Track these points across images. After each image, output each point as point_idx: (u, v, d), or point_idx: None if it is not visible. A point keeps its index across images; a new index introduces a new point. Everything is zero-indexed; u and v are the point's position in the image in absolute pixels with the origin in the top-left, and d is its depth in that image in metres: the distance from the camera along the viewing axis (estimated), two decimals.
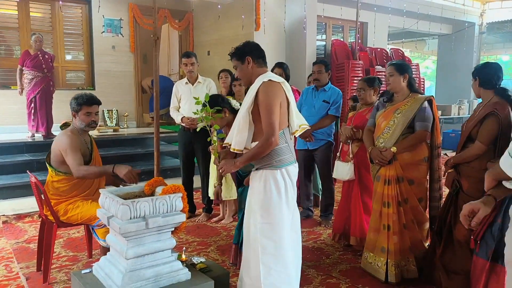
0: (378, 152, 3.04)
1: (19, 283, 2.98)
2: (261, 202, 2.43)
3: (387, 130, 3.08)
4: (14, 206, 4.63)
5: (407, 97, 3.10)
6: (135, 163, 6.18)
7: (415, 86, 3.19)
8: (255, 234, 2.45)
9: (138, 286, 2.30)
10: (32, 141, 5.97)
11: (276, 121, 2.35)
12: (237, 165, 2.44)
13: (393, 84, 3.11)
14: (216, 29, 8.07)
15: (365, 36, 9.29)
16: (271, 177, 2.42)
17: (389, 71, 3.13)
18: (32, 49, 6.02)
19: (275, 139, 2.34)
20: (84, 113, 3.03)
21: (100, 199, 2.49)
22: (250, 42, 2.59)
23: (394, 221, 3.00)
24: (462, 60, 10.66)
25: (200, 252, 3.57)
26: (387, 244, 3.00)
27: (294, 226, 2.55)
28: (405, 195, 3.02)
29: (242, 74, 2.55)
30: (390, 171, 3.02)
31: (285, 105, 2.46)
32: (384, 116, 3.13)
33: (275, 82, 2.42)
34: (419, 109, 3.01)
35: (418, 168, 3.05)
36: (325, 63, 4.31)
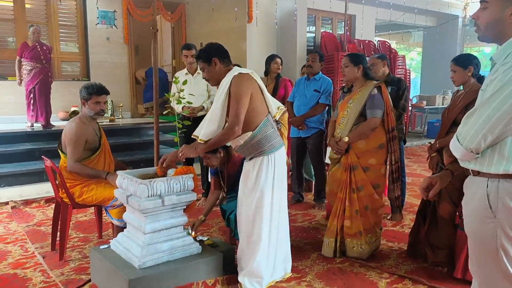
0: (334, 142, 3.19)
1: (36, 261, 3.18)
2: (255, 188, 2.62)
3: (342, 120, 3.21)
4: (20, 192, 4.80)
5: (361, 86, 3.21)
6: (133, 152, 6.38)
7: (370, 75, 3.28)
8: (247, 219, 2.66)
9: (155, 257, 2.54)
10: (32, 131, 6.10)
11: (242, 113, 2.47)
12: (198, 151, 2.55)
13: (348, 74, 3.22)
14: (209, 21, 8.23)
15: (353, 28, 9.55)
16: (264, 162, 2.61)
17: (344, 62, 3.23)
18: (30, 41, 6.13)
19: (238, 129, 2.47)
20: (94, 102, 3.20)
21: (118, 180, 2.72)
22: (214, 44, 2.68)
23: (342, 205, 3.18)
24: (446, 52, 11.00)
25: (203, 232, 3.81)
26: (330, 223, 3.22)
27: (283, 207, 2.78)
28: (359, 182, 3.13)
29: (210, 75, 2.64)
30: (348, 159, 3.17)
31: (259, 93, 2.62)
32: (341, 107, 3.27)
33: (245, 74, 2.58)
34: (368, 97, 3.11)
35: (374, 155, 3.15)
36: (320, 54, 4.56)
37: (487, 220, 1.57)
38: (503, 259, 1.56)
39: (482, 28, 1.61)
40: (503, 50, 1.53)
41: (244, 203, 2.69)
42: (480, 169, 1.57)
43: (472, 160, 1.59)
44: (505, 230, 1.54)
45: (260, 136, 2.59)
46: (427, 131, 10.05)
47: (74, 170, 3.09)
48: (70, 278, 2.89)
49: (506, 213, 1.52)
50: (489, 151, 1.54)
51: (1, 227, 3.91)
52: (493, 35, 1.59)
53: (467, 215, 1.70)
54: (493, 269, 1.61)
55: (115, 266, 2.52)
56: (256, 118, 2.58)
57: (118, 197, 2.74)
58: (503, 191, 1.51)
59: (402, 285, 2.81)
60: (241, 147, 2.65)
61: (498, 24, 1.55)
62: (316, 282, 2.84)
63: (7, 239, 3.63)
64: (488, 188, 1.55)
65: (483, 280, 1.67)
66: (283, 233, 2.80)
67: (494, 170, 1.52)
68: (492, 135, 1.49)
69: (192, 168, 2.75)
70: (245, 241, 2.69)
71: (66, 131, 3.17)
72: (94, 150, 3.22)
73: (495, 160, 1.52)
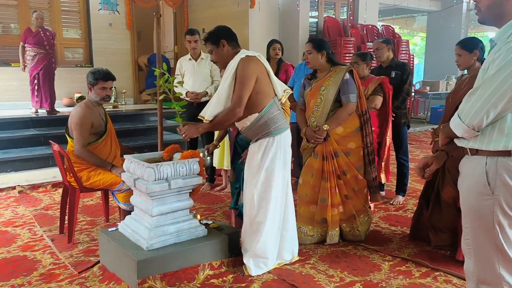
0: (312, 131, 3.11)
1: (45, 244, 3.24)
2: (260, 168, 2.65)
3: (316, 108, 3.14)
4: (27, 177, 4.86)
5: (329, 72, 3.15)
6: (137, 137, 6.41)
7: (335, 60, 3.21)
8: (251, 199, 2.69)
9: (163, 240, 2.60)
10: (36, 117, 6.14)
11: (245, 95, 2.51)
12: (200, 130, 2.59)
13: (312, 61, 3.16)
14: (211, 6, 8.18)
15: (356, 13, 9.47)
16: (270, 144, 2.65)
17: (307, 48, 3.16)
18: (33, 26, 6.13)
19: (240, 111, 2.51)
20: (100, 88, 3.23)
21: (125, 164, 2.76)
22: (222, 26, 2.72)
23: (332, 194, 3.14)
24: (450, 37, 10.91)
25: (207, 216, 3.87)
26: (327, 216, 3.14)
27: (289, 189, 2.82)
28: (344, 167, 3.14)
29: (218, 57, 2.66)
30: (327, 147, 3.12)
31: (265, 76, 2.64)
32: (311, 95, 3.18)
33: (252, 56, 2.60)
34: (341, 82, 3.07)
35: (353, 139, 3.17)
36: None
37: (484, 197, 1.61)
38: (499, 236, 1.61)
39: (482, 10, 1.65)
40: (505, 30, 1.57)
41: (248, 184, 2.72)
42: (479, 147, 1.61)
43: (471, 139, 1.63)
44: (502, 207, 1.59)
45: (266, 118, 2.62)
46: (430, 117, 10.03)
47: (81, 156, 3.13)
48: (79, 259, 2.95)
49: (504, 189, 1.57)
50: (489, 129, 1.58)
51: (9, 211, 3.98)
52: (493, 17, 1.64)
53: (464, 192, 1.74)
54: (488, 246, 1.66)
55: (123, 247, 2.58)
56: (262, 100, 2.61)
57: (126, 181, 2.79)
58: (501, 168, 1.56)
59: (405, 268, 2.86)
60: (247, 128, 2.68)
61: (498, 6, 1.59)
62: (320, 264, 2.90)
63: (15, 222, 3.69)
64: (487, 165, 1.59)
65: (479, 258, 1.72)
66: (290, 215, 2.84)
67: (494, 147, 1.57)
68: (495, 112, 1.53)
69: (198, 152, 2.78)
70: (249, 222, 2.74)
71: (72, 116, 3.20)
72: (100, 135, 3.25)
73: (494, 136, 1.57)
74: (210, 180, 4.86)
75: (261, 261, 2.70)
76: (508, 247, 1.63)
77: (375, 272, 2.79)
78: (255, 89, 2.57)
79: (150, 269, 2.48)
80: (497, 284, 1.68)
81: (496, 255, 1.64)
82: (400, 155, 4.22)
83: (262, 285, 2.60)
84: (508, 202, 1.58)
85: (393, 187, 4.45)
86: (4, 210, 4.01)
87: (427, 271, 2.81)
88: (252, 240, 2.71)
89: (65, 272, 2.78)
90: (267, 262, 2.71)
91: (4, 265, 2.88)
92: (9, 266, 2.87)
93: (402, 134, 4.16)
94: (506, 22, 1.58)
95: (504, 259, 1.64)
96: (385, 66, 4.11)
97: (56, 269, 2.82)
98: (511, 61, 1.48)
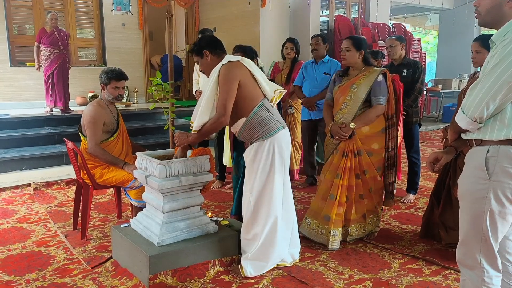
0: (338, 128, 3.10)
1: (59, 240, 3.31)
2: (254, 173, 2.61)
3: (344, 106, 3.14)
4: (42, 175, 4.95)
5: (362, 71, 3.16)
6: (148, 135, 6.49)
7: (370, 60, 3.25)
8: (247, 203, 2.68)
9: (174, 235, 2.63)
10: (51, 116, 6.25)
11: (229, 102, 2.50)
12: (190, 139, 2.60)
13: (349, 58, 3.15)
14: (222, 6, 8.22)
15: (367, 12, 9.42)
16: (261, 147, 2.59)
17: (346, 45, 3.15)
18: (48, 27, 6.24)
19: (225, 119, 2.51)
20: (113, 87, 3.28)
21: (137, 161, 2.81)
22: (205, 36, 2.77)
23: (342, 192, 3.11)
24: (463, 35, 10.80)
25: (218, 214, 3.90)
26: (331, 213, 3.09)
27: (286, 192, 2.74)
28: (364, 166, 3.12)
29: (204, 67, 2.72)
30: (349, 145, 3.11)
31: (250, 79, 2.60)
32: (341, 91, 3.18)
33: (233, 61, 2.59)
34: (374, 83, 3.07)
35: (377, 139, 3.16)
36: (322, 36, 4.55)
37: (481, 181, 1.71)
38: (486, 222, 1.71)
39: (482, 14, 1.77)
40: (502, 30, 1.68)
41: (245, 189, 2.71)
42: (483, 137, 1.71)
43: (475, 131, 1.74)
44: (496, 193, 1.68)
45: (255, 121, 2.58)
46: (442, 116, 9.94)
47: (95, 153, 3.19)
48: (92, 255, 3.01)
49: (502, 176, 1.66)
50: (491, 120, 1.68)
51: (24, 208, 4.06)
52: (492, 20, 1.75)
53: (462, 177, 1.83)
54: (474, 231, 1.76)
55: (135, 243, 2.62)
56: (249, 104, 2.58)
57: (138, 178, 2.83)
58: (502, 155, 1.66)
59: (415, 266, 2.86)
60: (240, 133, 2.68)
61: (497, 10, 1.71)
62: (330, 261, 2.90)
63: (30, 219, 3.77)
64: (488, 153, 1.69)
65: (463, 240, 1.82)
66: (290, 218, 2.78)
67: (496, 136, 1.67)
68: (494, 103, 1.63)
69: (208, 149, 2.81)
70: (245, 225, 2.71)
71: (85, 114, 3.26)
72: (112, 133, 3.31)
73: (496, 127, 1.67)
74: (221, 178, 4.89)
75: (259, 264, 2.66)
76: (493, 236, 1.72)
77: (385, 270, 2.79)
78: (240, 94, 2.55)
79: (162, 265, 2.52)
80: (474, 269, 1.79)
81: (479, 241, 1.75)
82: (411, 153, 4.20)
83: (272, 282, 2.62)
84: (504, 189, 1.67)
85: (404, 186, 4.43)
86: (20, 206, 4.10)
87: (437, 269, 2.81)
88: (247, 244, 2.69)
89: (78, 267, 2.84)
90: (264, 265, 2.68)
91: (20, 260, 2.95)
92: (25, 261, 2.94)
93: (414, 133, 4.14)
94: (504, 24, 1.69)
95: (486, 246, 1.74)
96: (397, 64, 4.09)
97: (70, 265, 2.88)
98: (506, 56, 1.59)
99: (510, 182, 1.65)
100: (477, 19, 1.81)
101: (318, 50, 4.47)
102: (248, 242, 2.71)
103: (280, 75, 4.87)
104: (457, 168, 3.06)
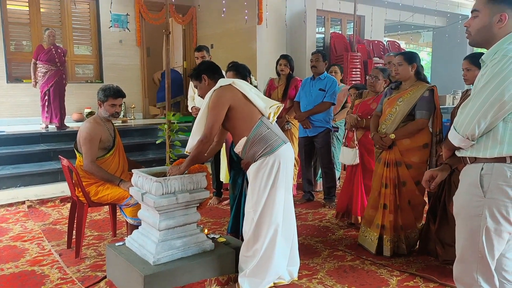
0: (379, 137, 3.26)
1: (53, 258, 3.26)
2: (257, 190, 2.60)
3: (389, 117, 3.26)
4: (36, 192, 4.91)
5: (412, 86, 3.25)
6: (145, 151, 6.47)
7: (423, 74, 3.32)
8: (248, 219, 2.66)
9: (170, 254, 2.60)
10: (46, 132, 6.23)
11: (214, 125, 2.58)
12: (181, 170, 2.66)
13: (402, 72, 3.24)
14: (219, 23, 8.30)
15: (362, 29, 9.56)
16: (263, 165, 2.59)
17: (398, 60, 3.26)
18: (46, 44, 6.27)
19: (209, 140, 2.59)
20: (110, 104, 3.28)
21: (133, 178, 2.79)
22: (205, 62, 2.93)
23: (391, 200, 3.24)
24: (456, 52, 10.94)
25: (215, 230, 3.87)
26: (382, 221, 3.25)
27: (287, 208, 2.72)
28: (402, 178, 3.22)
29: (202, 91, 2.82)
30: (390, 155, 3.24)
31: (242, 100, 2.65)
32: (389, 103, 3.31)
33: (224, 86, 2.66)
34: (420, 98, 3.16)
35: (417, 153, 3.22)
36: (322, 53, 4.61)
37: (476, 198, 1.72)
38: (483, 240, 1.71)
39: (472, 34, 1.82)
40: (492, 50, 1.73)
41: (247, 206, 2.70)
42: (476, 155, 1.73)
43: (468, 148, 1.76)
44: (492, 211, 1.68)
45: (256, 139, 2.60)
46: None
47: (90, 170, 3.17)
48: (86, 274, 2.96)
49: (497, 194, 1.67)
50: (484, 138, 1.71)
51: (18, 226, 4.01)
52: (482, 40, 1.80)
53: (458, 194, 1.84)
54: (470, 248, 1.76)
55: (130, 262, 2.59)
56: (248, 124, 2.62)
57: (133, 195, 2.81)
58: (496, 173, 1.67)
59: (413, 283, 2.83)
60: (243, 153, 2.69)
61: (487, 30, 1.76)
62: (327, 279, 2.88)
63: (24, 237, 3.72)
64: (483, 170, 1.71)
65: (460, 258, 1.82)
66: (290, 235, 2.75)
67: (490, 154, 1.69)
68: (485, 121, 1.66)
69: (205, 166, 2.81)
70: (246, 242, 2.69)
71: (81, 131, 3.26)
72: (108, 149, 3.30)
73: (490, 144, 1.69)
74: (218, 194, 4.87)
75: (256, 282, 2.63)
76: (489, 253, 1.72)
77: (383, 287, 2.76)
78: (236, 116, 2.61)
79: (157, 284, 2.48)
80: (471, 287, 1.78)
81: (476, 259, 1.74)
82: None
83: None
84: (499, 207, 1.67)
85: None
86: (14, 224, 4.05)
87: (435, 286, 2.79)
88: (248, 261, 2.67)
89: (72, 287, 2.79)
90: (262, 283, 2.64)
91: (13, 280, 2.90)
92: (18, 280, 2.89)
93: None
94: (494, 43, 1.73)
95: (482, 264, 1.74)
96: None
97: (64, 284, 2.83)
98: (496, 74, 1.64)
99: (505, 200, 1.66)
100: (467, 39, 1.86)
101: (318, 67, 4.52)
102: (246, 259, 2.69)
103: (276, 91, 4.90)
104: (452, 184, 3.07)
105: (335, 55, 8.33)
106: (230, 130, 2.75)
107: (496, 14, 1.73)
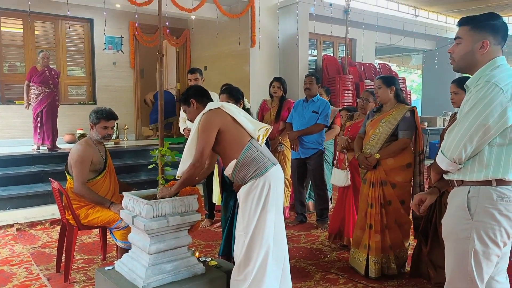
0: (364, 157, 3.33)
1: (41, 283, 3.20)
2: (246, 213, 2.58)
3: (373, 138, 3.35)
4: (26, 214, 4.84)
5: (394, 107, 3.37)
6: (138, 173, 6.44)
7: (402, 96, 3.44)
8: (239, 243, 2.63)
9: (160, 278, 2.56)
10: (38, 154, 6.19)
11: (205, 149, 2.58)
12: (172, 192, 2.65)
13: (381, 95, 3.40)
14: (213, 45, 8.42)
15: (354, 52, 9.73)
16: (253, 187, 2.58)
17: (377, 84, 3.42)
18: (39, 66, 6.30)
19: (200, 165, 2.58)
20: (102, 126, 3.28)
21: (124, 201, 2.77)
22: (193, 86, 2.96)
23: (377, 220, 3.27)
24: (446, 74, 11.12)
25: (207, 253, 3.83)
26: (369, 242, 3.28)
27: (278, 231, 2.67)
28: (388, 197, 3.27)
29: (191, 116, 2.84)
30: (375, 175, 3.30)
31: (231, 123, 2.66)
32: (372, 125, 3.41)
33: (213, 109, 2.68)
34: (402, 119, 3.27)
35: (401, 173, 3.29)
36: (316, 76, 4.68)
37: (463, 221, 1.74)
38: (471, 263, 1.72)
39: (456, 60, 1.88)
40: (476, 76, 1.78)
41: (237, 229, 2.68)
42: (463, 178, 1.76)
43: (456, 172, 1.79)
44: (479, 234, 1.70)
45: (245, 162, 2.60)
46: (429, 152, 10.06)
47: (81, 193, 3.14)
48: None
49: (484, 217, 1.69)
50: (470, 162, 1.74)
51: (6, 250, 3.94)
52: (466, 65, 1.85)
53: (446, 216, 1.85)
54: (459, 271, 1.77)
55: (119, 287, 2.54)
56: (237, 147, 2.62)
57: (124, 218, 2.78)
58: (483, 196, 1.70)
59: None
60: (233, 176, 2.67)
61: (470, 56, 1.81)
62: None
63: (12, 261, 3.65)
64: (469, 193, 1.73)
65: (449, 279, 1.83)
66: (278, 257, 2.68)
67: (476, 177, 1.72)
68: (471, 145, 1.69)
69: (196, 188, 2.79)
70: (238, 266, 2.64)
71: (72, 153, 3.24)
72: (99, 172, 3.28)
73: (476, 168, 1.72)
74: (210, 216, 4.84)
75: None
76: (478, 276, 1.72)
77: None
78: (225, 139, 2.62)
79: None
80: None
81: (465, 282, 1.75)
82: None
83: None
84: (487, 230, 1.69)
85: None
86: (2, 248, 3.98)
87: None
88: (240, 285, 2.61)
89: None
90: None
91: None
92: None
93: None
94: (476, 70, 1.79)
95: (472, 287, 1.74)
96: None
97: None
98: (480, 100, 1.69)
99: (492, 222, 1.67)
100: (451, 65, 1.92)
101: (311, 89, 4.57)
102: (238, 283, 2.63)
103: (269, 113, 4.94)
104: (442, 206, 3.08)
105: (327, 77, 8.44)
106: (220, 153, 2.74)
107: (478, 41, 1.79)
